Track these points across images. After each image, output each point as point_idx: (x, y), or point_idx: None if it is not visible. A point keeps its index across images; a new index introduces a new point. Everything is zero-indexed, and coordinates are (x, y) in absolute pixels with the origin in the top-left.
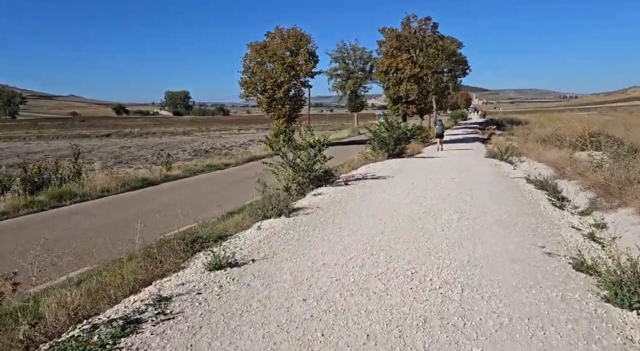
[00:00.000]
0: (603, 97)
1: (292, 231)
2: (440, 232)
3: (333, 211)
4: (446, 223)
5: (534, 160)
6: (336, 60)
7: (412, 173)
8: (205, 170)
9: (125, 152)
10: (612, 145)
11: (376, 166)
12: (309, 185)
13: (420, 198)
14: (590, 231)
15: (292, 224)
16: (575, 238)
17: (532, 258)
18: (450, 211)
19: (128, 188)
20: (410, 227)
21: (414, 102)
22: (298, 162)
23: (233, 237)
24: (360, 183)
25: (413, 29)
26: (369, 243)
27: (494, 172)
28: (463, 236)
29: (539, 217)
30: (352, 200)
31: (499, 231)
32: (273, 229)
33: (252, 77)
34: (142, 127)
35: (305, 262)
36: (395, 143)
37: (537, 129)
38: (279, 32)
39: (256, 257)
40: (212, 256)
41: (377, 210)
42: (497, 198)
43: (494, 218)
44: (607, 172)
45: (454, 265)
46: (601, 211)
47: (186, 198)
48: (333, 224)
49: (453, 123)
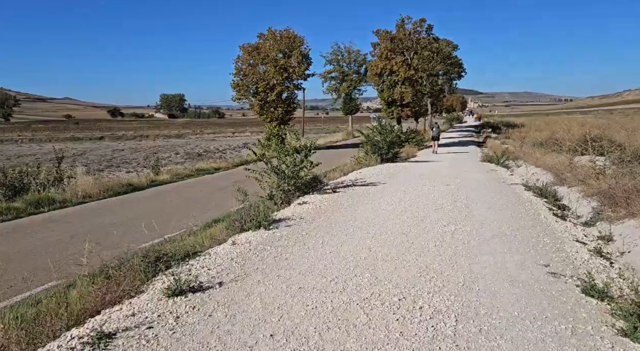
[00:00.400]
0: (598, 100)
1: (270, 246)
2: (432, 247)
3: (317, 222)
4: (439, 236)
5: (532, 165)
6: (330, 62)
7: (404, 180)
8: (194, 174)
9: (117, 155)
10: (615, 150)
11: (368, 171)
12: (295, 192)
13: (412, 208)
14: (596, 245)
15: (271, 238)
16: (580, 254)
17: (535, 279)
18: (444, 222)
19: (111, 193)
20: (400, 242)
21: (408, 105)
22: (283, 169)
23: (203, 254)
24: (349, 190)
25: (407, 30)
26: (354, 261)
27: (490, 177)
28: (458, 252)
29: (540, 229)
30: (338, 210)
31: (497, 246)
32: (249, 244)
33: (244, 80)
34: (136, 130)
35: (280, 285)
36: (388, 148)
37: (533, 133)
38: (272, 34)
39: (225, 278)
40: (173, 279)
41: (364, 221)
42: (494, 208)
43: (491, 230)
44: (612, 179)
45: (447, 288)
46: (606, 222)
47: (169, 205)
48: (315, 238)
49: (448, 126)
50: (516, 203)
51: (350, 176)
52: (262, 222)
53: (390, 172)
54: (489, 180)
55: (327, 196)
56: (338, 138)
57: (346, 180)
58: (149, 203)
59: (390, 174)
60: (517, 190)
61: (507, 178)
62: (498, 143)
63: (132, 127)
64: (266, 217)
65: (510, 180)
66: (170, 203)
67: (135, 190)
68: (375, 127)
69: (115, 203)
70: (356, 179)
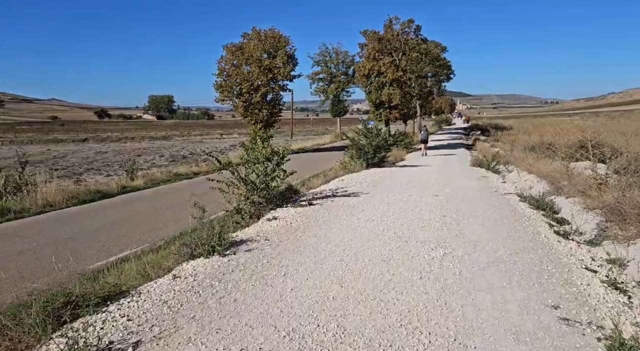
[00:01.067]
0: (584, 102)
1: (219, 282)
2: (417, 280)
3: (284, 245)
4: (426, 265)
5: (524, 171)
6: (318, 63)
7: (389, 188)
8: (172, 179)
9: (100, 157)
10: (618, 157)
11: (351, 178)
12: (268, 205)
13: (395, 226)
14: (608, 272)
15: (223, 269)
16: (593, 287)
17: (545, 330)
18: (431, 245)
19: (76, 202)
20: (378, 273)
21: (397, 107)
22: (253, 178)
23: (131, 294)
24: (327, 202)
25: (396, 31)
26: (319, 303)
27: (481, 186)
28: (447, 288)
29: (542, 253)
30: (311, 228)
31: (495, 278)
32: (194, 278)
33: (228, 80)
34: (122, 132)
35: (216, 345)
36: (374, 152)
37: (522, 136)
38: (256, 33)
39: (145, 336)
40: (67, 343)
41: (339, 243)
42: (487, 224)
43: (486, 255)
44: (618, 191)
45: (435, 345)
46: (614, 241)
47: (134, 215)
48: (278, 268)
49: (437, 129)
50: (512, 218)
51: (331, 184)
52: (216, 247)
53: (375, 179)
54: (480, 190)
55: (302, 210)
56: (326, 141)
57: (326, 189)
58: (115, 212)
59: (374, 182)
60: (511, 201)
61: (500, 187)
62: (487, 146)
63: (119, 128)
64: (220, 241)
65: (503, 189)
66: (137, 213)
67: (104, 198)
68: (361, 130)
69: (77, 213)
70: (337, 188)
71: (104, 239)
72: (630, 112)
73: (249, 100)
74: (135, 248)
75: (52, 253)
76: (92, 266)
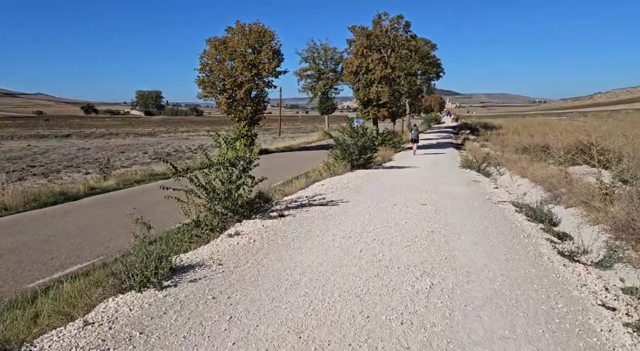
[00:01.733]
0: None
1: (140, 334)
2: (397, 326)
3: (239, 273)
4: (409, 302)
5: (517, 175)
6: (306, 60)
7: (373, 195)
8: (147, 179)
9: (81, 154)
10: (624, 162)
11: (333, 183)
12: (234, 216)
13: (374, 244)
14: (628, 309)
15: (155, 309)
16: (617, 335)
17: None
18: (417, 273)
19: (35, 205)
20: (349, 316)
21: (385, 105)
22: (217, 185)
23: None
24: (301, 213)
25: (384, 27)
26: None
27: (473, 193)
28: (434, 339)
29: (548, 283)
30: (276, 249)
31: (494, 324)
32: (110, 326)
33: (210, 76)
34: (107, 127)
35: None
36: (360, 153)
37: (512, 136)
38: (240, 27)
39: None
40: None
41: (306, 270)
42: (482, 243)
43: (482, 288)
44: (631, 203)
45: None
46: (627, 264)
47: (95, 223)
48: (224, 308)
49: (426, 127)
50: (509, 234)
51: (309, 190)
52: (151, 278)
53: (358, 183)
54: (471, 197)
55: (271, 223)
56: (313, 139)
57: (303, 195)
58: (75, 218)
59: (357, 187)
60: (506, 211)
61: (492, 193)
62: (477, 146)
63: (105, 124)
64: (157, 270)
65: (496, 196)
66: (99, 220)
67: (68, 200)
68: (346, 129)
69: (33, 219)
70: (315, 195)
71: (54, 251)
72: (617, 112)
73: (233, 96)
74: (87, 263)
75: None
76: (31, 285)
